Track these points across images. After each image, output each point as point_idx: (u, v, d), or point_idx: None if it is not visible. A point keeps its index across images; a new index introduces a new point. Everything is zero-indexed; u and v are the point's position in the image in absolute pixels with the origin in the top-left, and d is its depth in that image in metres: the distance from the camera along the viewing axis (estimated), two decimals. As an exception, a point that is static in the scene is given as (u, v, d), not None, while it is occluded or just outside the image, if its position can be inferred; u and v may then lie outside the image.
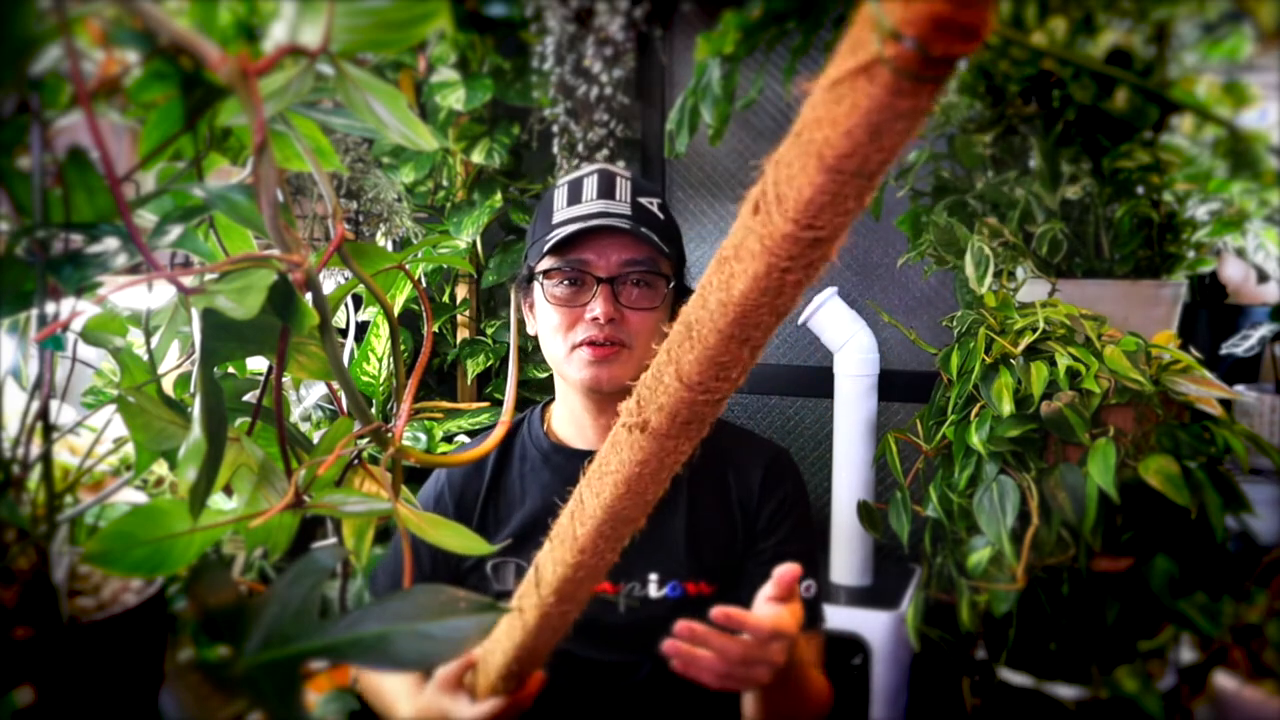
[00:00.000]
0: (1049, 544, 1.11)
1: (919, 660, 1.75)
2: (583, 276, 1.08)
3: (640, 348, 1.08)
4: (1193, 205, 1.44)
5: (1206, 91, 1.43)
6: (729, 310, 0.49)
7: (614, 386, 1.08)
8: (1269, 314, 1.82)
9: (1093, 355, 1.13)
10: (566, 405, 1.19)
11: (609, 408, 1.15)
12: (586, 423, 1.17)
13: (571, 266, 1.08)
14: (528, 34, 2.12)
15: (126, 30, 0.46)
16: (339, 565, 0.51)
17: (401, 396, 0.56)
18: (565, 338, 1.10)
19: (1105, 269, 1.41)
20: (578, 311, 1.08)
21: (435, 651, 0.43)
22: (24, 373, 0.60)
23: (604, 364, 1.08)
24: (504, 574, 1.15)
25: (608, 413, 1.15)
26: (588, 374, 1.08)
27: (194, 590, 0.45)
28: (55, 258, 0.45)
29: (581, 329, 1.08)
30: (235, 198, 0.47)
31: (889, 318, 1.49)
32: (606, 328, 1.07)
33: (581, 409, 1.17)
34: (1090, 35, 1.39)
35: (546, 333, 1.12)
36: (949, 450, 1.21)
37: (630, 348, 1.08)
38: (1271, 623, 1.02)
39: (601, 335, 1.07)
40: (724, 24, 1.41)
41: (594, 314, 1.07)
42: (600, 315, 1.06)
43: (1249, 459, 1.11)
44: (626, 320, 1.08)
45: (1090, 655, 1.16)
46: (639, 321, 1.09)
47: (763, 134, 2.30)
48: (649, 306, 1.09)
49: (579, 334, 1.08)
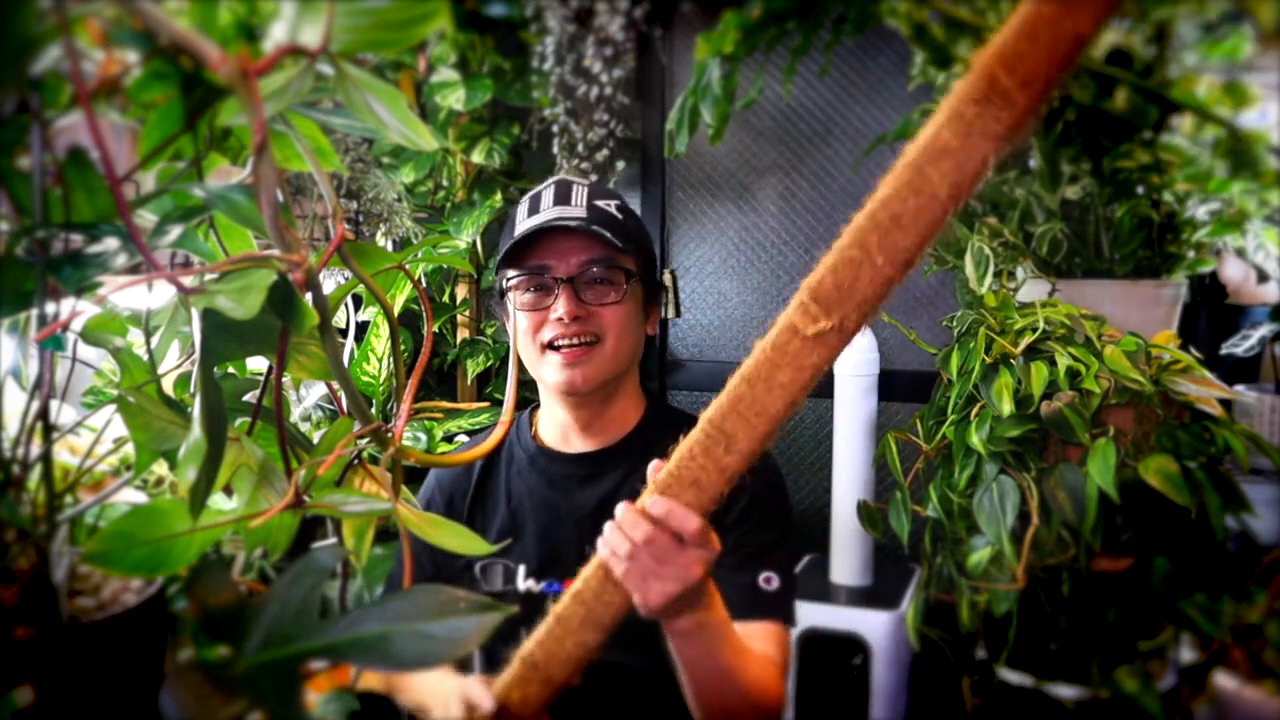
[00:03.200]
0: (1049, 544, 1.11)
1: (919, 660, 1.75)
2: (544, 279, 1.10)
3: (612, 341, 1.10)
4: (1193, 205, 1.44)
5: (1206, 91, 1.43)
6: (944, 190, 0.59)
7: (590, 386, 1.10)
8: (1269, 314, 1.82)
9: (1093, 355, 1.13)
10: (549, 410, 1.21)
11: (587, 408, 1.15)
12: (570, 427, 1.18)
13: (532, 271, 1.10)
14: (528, 34, 2.12)
15: (126, 30, 0.46)
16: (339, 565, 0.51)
17: (401, 396, 0.56)
18: (535, 340, 1.12)
19: (1105, 269, 1.41)
20: (543, 314, 1.10)
21: (435, 651, 0.43)
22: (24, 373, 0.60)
23: (576, 365, 1.10)
24: (492, 575, 1.16)
25: (586, 413, 1.16)
26: (562, 377, 1.10)
27: (194, 590, 0.45)
28: (55, 258, 0.45)
29: (548, 330, 1.10)
30: (235, 198, 0.47)
31: (889, 318, 1.49)
32: (572, 325, 1.09)
33: (562, 412, 1.18)
34: (1090, 35, 1.39)
35: (520, 340, 1.14)
36: (949, 450, 1.21)
37: (602, 341, 1.10)
38: (1271, 623, 1.02)
39: (568, 334, 1.09)
40: (724, 24, 1.41)
41: (558, 314, 1.08)
42: (564, 314, 1.08)
43: (1249, 459, 1.11)
44: (594, 316, 1.10)
45: (1090, 655, 1.16)
46: (608, 316, 1.10)
47: (763, 134, 2.30)
48: (613, 301, 1.11)
49: (546, 335, 1.10)
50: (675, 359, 2.43)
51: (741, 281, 2.36)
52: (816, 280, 0.66)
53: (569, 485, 1.16)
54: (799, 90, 2.24)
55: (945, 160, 0.60)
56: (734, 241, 2.35)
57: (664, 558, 0.79)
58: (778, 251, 2.33)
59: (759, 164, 2.31)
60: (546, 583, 1.13)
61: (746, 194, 2.33)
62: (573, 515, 1.14)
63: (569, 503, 1.15)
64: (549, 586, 1.13)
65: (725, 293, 2.38)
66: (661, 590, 0.80)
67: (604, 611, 0.80)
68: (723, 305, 2.39)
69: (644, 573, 0.79)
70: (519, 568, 1.15)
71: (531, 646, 0.81)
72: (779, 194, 2.31)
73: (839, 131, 2.24)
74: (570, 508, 1.15)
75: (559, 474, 1.17)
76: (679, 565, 0.79)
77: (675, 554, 0.79)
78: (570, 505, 1.15)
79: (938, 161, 0.60)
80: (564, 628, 0.80)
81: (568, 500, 1.15)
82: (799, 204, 2.29)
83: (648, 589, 0.80)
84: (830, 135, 2.24)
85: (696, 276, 2.40)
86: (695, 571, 0.81)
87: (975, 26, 1.36)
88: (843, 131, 2.24)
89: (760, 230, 2.33)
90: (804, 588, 1.62)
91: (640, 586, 0.80)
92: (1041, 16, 0.56)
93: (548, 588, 1.13)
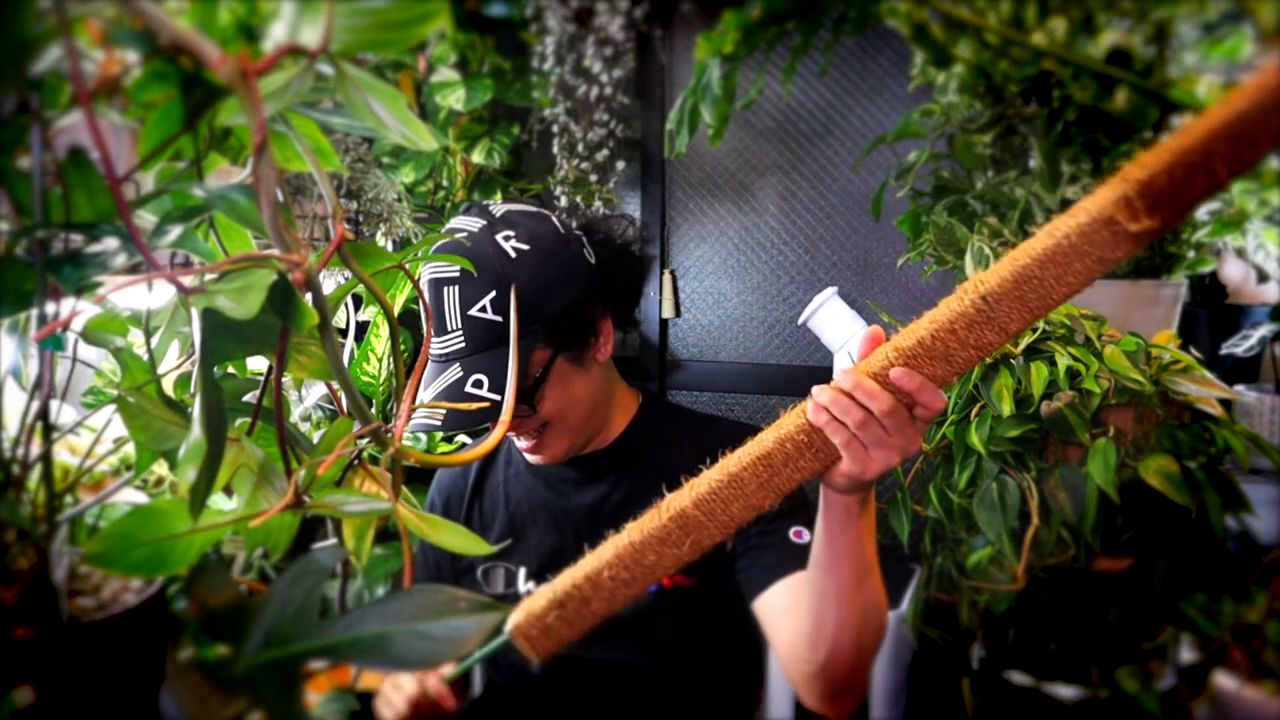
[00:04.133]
0: (1049, 544, 1.11)
1: (919, 660, 1.75)
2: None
3: (558, 418, 1.07)
4: (1193, 205, 1.44)
5: (1206, 91, 1.43)
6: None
7: (566, 457, 1.12)
8: (1269, 314, 1.82)
9: (1093, 355, 1.13)
10: None
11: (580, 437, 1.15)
12: None
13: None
14: (528, 34, 2.12)
15: (126, 30, 0.46)
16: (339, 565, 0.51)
17: (401, 396, 0.56)
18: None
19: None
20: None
21: (435, 651, 0.43)
22: (24, 373, 0.60)
23: (541, 451, 1.10)
24: (494, 579, 1.16)
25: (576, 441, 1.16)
26: (536, 459, 1.12)
27: (194, 590, 0.45)
28: (55, 258, 0.45)
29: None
30: (235, 198, 0.47)
31: (889, 318, 1.49)
32: (521, 440, 1.10)
33: None
34: (1090, 35, 1.39)
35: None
36: (949, 450, 1.21)
37: (551, 423, 1.07)
38: (1271, 623, 1.02)
39: (517, 438, 1.11)
40: (724, 24, 1.41)
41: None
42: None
43: (1249, 459, 1.11)
44: (535, 412, 1.06)
45: (1090, 655, 1.16)
46: (541, 405, 1.05)
47: (763, 134, 2.30)
48: (534, 387, 1.04)
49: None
50: (675, 359, 2.43)
51: (741, 281, 2.36)
52: (1148, 176, 0.63)
53: (565, 488, 1.16)
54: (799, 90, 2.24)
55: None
56: (734, 241, 2.36)
57: (897, 428, 0.74)
58: (778, 251, 2.33)
59: (759, 164, 2.31)
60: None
61: (746, 194, 2.33)
62: (570, 517, 1.14)
63: (566, 505, 1.15)
64: None
65: (725, 293, 2.38)
66: (885, 459, 0.75)
67: (790, 477, 0.75)
68: (723, 305, 2.39)
69: (874, 441, 0.75)
70: (519, 570, 1.15)
71: (689, 502, 0.75)
72: (779, 194, 2.31)
73: (839, 131, 2.24)
74: (567, 509, 1.15)
75: (555, 477, 1.17)
76: (907, 436, 0.75)
77: (907, 425, 0.75)
78: (567, 507, 1.15)
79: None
80: (736, 489, 0.74)
81: (564, 502, 1.15)
82: (799, 204, 2.29)
83: (869, 459, 0.75)
84: (830, 135, 2.24)
85: (696, 276, 2.40)
86: (917, 443, 0.77)
87: (975, 26, 1.36)
88: (843, 131, 2.24)
89: (760, 230, 2.33)
90: (804, 588, 1.61)
91: (863, 456, 0.75)
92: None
93: None
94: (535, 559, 1.14)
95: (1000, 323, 0.69)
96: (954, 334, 0.70)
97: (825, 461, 0.76)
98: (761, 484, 0.74)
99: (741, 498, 0.74)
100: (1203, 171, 0.62)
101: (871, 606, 0.89)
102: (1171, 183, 0.63)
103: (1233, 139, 0.62)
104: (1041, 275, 0.67)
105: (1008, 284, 0.67)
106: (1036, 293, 0.67)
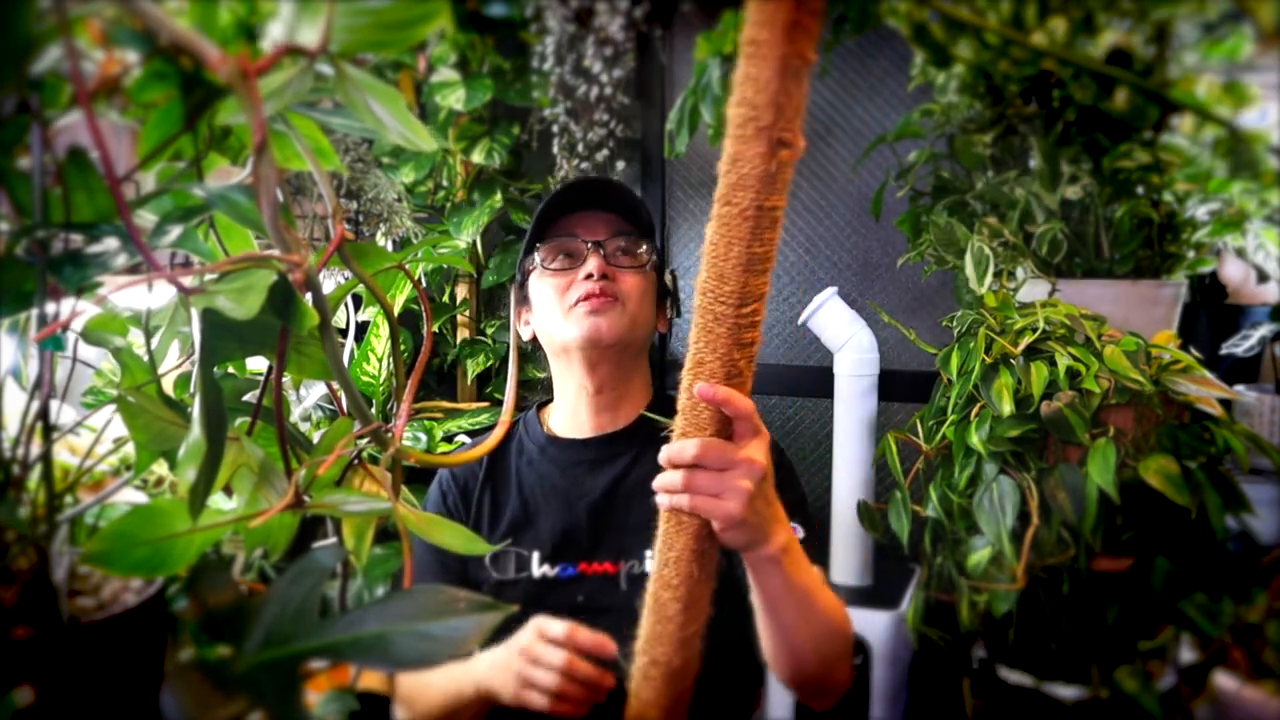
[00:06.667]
0: (1049, 544, 1.11)
1: (919, 660, 1.74)
2: (574, 244, 1.17)
3: (633, 306, 1.15)
4: (1193, 205, 1.44)
5: (1206, 91, 1.43)
6: None
7: (613, 337, 1.14)
8: (1269, 314, 1.82)
9: (1093, 355, 1.13)
10: (561, 395, 1.24)
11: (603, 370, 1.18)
12: (581, 408, 1.21)
13: (563, 238, 1.18)
14: (528, 34, 2.12)
15: (126, 30, 0.46)
16: (339, 565, 0.51)
17: (401, 396, 0.56)
18: (562, 301, 1.16)
19: (1105, 269, 1.41)
20: (571, 277, 1.16)
21: (435, 651, 0.43)
22: (24, 373, 0.60)
23: (602, 314, 1.14)
24: (504, 563, 1.17)
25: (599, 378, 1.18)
26: (588, 324, 1.13)
27: (194, 590, 0.45)
28: (55, 258, 0.45)
29: (576, 289, 1.15)
30: (235, 198, 0.47)
31: (889, 318, 1.49)
32: (600, 282, 1.14)
33: (574, 390, 1.20)
34: (1090, 35, 1.39)
35: (544, 310, 1.18)
36: (949, 450, 1.21)
37: (624, 304, 1.15)
38: (1271, 623, 1.02)
39: (595, 289, 1.14)
40: (724, 24, 1.41)
41: (588, 271, 1.14)
42: (594, 270, 1.14)
43: (1249, 459, 1.11)
44: (619, 279, 1.16)
45: (1090, 655, 1.16)
46: (631, 281, 1.16)
47: (763, 134, 2.29)
48: (637, 266, 1.18)
49: (574, 294, 1.15)
50: (675, 359, 2.43)
51: (741, 281, 2.36)
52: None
53: (579, 471, 1.18)
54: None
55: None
56: (734, 241, 2.35)
57: (724, 462, 0.81)
58: (777, 251, 2.33)
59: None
60: (561, 567, 1.15)
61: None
62: (584, 500, 1.16)
63: (579, 488, 1.17)
64: (564, 571, 1.15)
65: (725, 293, 2.38)
66: (738, 496, 0.81)
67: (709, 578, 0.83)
68: (723, 305, 2.38)
69: (711, 488, 0.81)
70: (532, 554, 1.16)
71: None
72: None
73: (839, 131, 2.24)
74: (581, 492, 1.17)
75: (569, 460, 1.20)
76: (739, 464, 0.81)
77: (730, 451, 0.81)
78: (581, 490, 1.17)
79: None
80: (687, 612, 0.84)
81: (578, 485, 1.18)
82: (799, 204, 2.29)
83: (723, 504, 0.81)
84: (830, 135, 2.24)
85: (696, 276, 2.40)
86: (759, 463, 0.82)
87: (975, 26, 1.36)
88: (843, 131, 2.24)
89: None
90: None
91: (714, 506, 0.81)
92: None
93: (563, 572, 1.15)
94: (549, 542, 1.16)
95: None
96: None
97: (714, 538, 0.82)
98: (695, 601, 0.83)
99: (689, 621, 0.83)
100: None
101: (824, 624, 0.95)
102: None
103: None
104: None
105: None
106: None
